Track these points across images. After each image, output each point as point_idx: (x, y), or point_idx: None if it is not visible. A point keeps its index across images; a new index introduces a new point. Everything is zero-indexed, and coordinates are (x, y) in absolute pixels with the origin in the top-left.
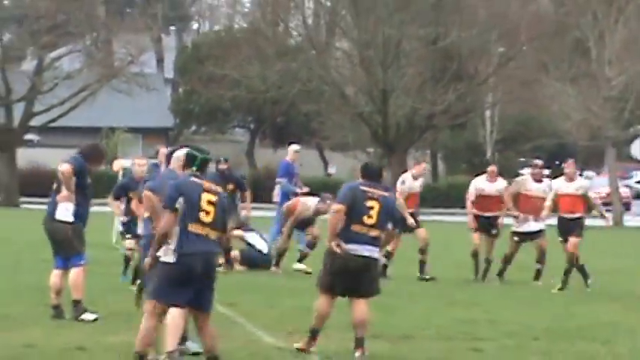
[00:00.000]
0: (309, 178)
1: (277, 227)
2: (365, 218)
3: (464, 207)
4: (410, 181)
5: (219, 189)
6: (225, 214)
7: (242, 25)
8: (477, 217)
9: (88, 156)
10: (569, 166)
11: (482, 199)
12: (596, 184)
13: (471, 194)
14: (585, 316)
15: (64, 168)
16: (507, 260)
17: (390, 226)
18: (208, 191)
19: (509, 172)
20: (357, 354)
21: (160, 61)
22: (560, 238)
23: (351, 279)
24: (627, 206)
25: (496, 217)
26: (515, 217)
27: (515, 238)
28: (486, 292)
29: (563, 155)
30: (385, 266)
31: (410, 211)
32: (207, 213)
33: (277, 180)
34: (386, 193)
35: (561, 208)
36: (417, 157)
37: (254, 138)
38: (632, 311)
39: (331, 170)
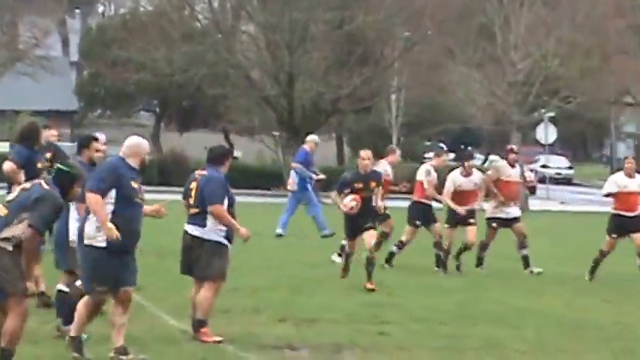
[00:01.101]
0: None
1: (289, 213)
2: (190, 199)
3: None
4: (435, 173)
5: None
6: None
7: (148, 8)
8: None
9: (30, 139)
10: (629, 162)
11: (459, 194)
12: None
13: (448, 190)
14: (493, 301)
15: (6, 167)
16: (484, 247)
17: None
18: None
19: (413, 157)
20: (195, 334)
21: (65, 44)
22: (614, 235)
23: (186, 257)
24: (532, 190)
25: (472, 209)
26: (502, 202)
27: (494, 224)
28: (393, 275)
29: (468, 139)
30: (392, 254)
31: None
32: None
33: (293, 165)
34: (205, 172)
35: (619, 205)
36: (436, 150)
37: (160, 122)
38: (540, 296)
39: (237, 154)
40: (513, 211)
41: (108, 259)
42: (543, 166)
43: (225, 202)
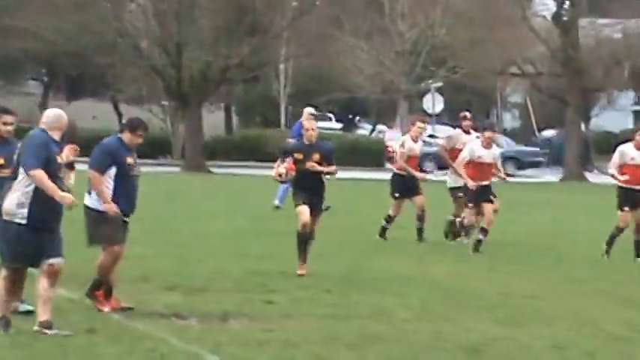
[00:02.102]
0: (104, 131)
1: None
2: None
3: (258, 160)
4: (410, 143)
5: None
6: None
7: None
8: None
9: None
10: None
11: (478, 167)
12: (388, 138)
13: (463, 160)
14: (378, 269)
15: None
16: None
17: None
18: None
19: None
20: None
21: None
22: (626, 208)
23: (85, 226)
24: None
25: (489, 185)
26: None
27: (459, 194)
28: (280, 244)
29: (356, 109)
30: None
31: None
32: None
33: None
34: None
35: (629, 178)
36: (412, 119)
37: (48, 91)
38: (424, 264)
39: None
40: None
41: (27, 236)
42: (430, 136)
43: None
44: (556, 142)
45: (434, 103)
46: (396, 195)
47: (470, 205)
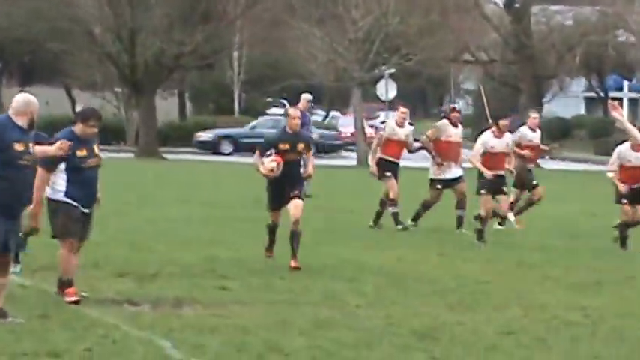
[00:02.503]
0: (58, 118)
1: None
2: None
3: None
4: (393, 127)
5: None
6: None
7: None
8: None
9: None
10: None
11: (492, 158)
12: (342, 124)
13: (477, 153)
14: (331, 255)
15: None
16: (426, 207)
17: None
18: None
19: (255, 112)
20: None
21: None
22: (624, 201)
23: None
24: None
25: (503, 175)
26: (439, 164)
27: (438, 186)
28: (231, 229)
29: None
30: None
31: (391, 159)
32: None
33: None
34: None
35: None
36: (397, 104)
37: (0, 77)
38: (376, 250)
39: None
40: (456, 171)
41: None
42: (384, 122)
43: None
44: (509, 128)
45: (387, 90)
46: (387, 174)
47: (482, 192)
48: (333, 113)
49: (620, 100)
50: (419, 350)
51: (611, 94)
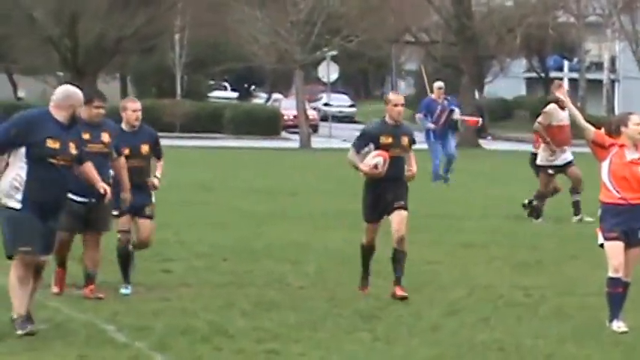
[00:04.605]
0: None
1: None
2: None
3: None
4: (554, 111)
5: None
6: None
7: None
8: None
9: None
10: None
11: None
12: (284, 107)
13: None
14: (274, 237)
15: None
16: (541, 198)
17: None
18: None
19: (198, 95)
20: None
21: None
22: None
23: None
24: (315, 128)
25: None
26: (552, 150)
27: (550, 171)
28: (176, 213)
29: (252, 78)
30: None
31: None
32: None
33: (416, 116)
34: None
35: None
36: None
37: None
38: (320, 231)
39: (21, 94)
40: (567, 155)
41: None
42: (326, 105)
43: None
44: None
45: (329, 72)
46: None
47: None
48: (275, 95)
49: (560, 80)
50: (363, 331)
51: (552, 74)
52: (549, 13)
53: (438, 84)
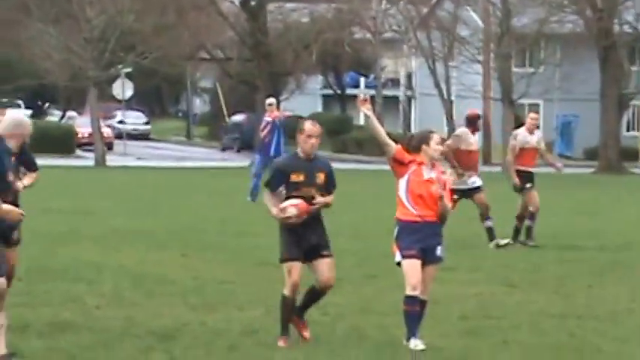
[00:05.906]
0: None
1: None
2: None
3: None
4: (524, 136)
5: None
6: None
7: None
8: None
9: None
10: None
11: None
12: (79, 124)
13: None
14: (71, 257)
15: None
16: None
17: None
18: None
19: None
20: None
21: None
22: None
23: None
24: (109, 146)
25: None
26: (461, 173)
27: (455, 196)
28: None
29: (45, 95)
30: None
31: (527, 169)
32: None
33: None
34: None
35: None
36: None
37: None
38: (115, 252)
39: None
40: (474, 180)
41: None
42: (120, 122)
43: None
44: (246, 127)
45: (123, 90)
46: (527, 186)
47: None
48: (69, 113)
49: (356, 97)
50: (159, 351)
51: (348, 91)
52: (345, 30)
53: (269, 100)
